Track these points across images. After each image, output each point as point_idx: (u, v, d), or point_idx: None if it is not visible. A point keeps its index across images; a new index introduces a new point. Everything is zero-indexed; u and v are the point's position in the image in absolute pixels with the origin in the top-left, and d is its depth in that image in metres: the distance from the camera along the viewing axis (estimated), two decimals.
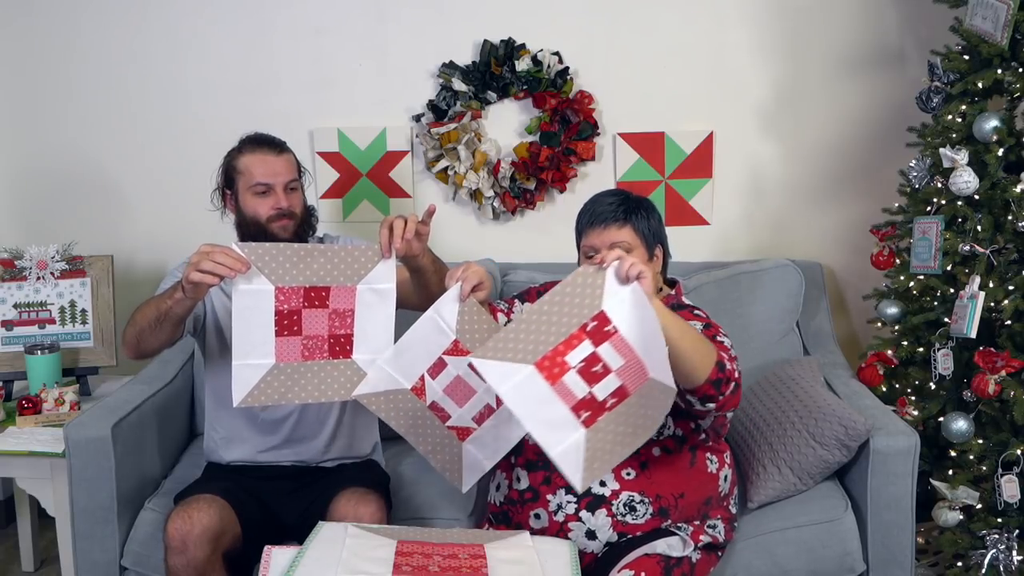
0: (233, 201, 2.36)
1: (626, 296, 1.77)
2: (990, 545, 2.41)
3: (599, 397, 1.79)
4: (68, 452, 2.36)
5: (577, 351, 1.78)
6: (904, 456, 2.29)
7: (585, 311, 1.77)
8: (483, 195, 3.08)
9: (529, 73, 2.99)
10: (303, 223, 2.36)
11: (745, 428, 2.50)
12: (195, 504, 2.12)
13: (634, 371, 1.79)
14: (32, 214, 3.21)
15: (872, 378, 2.69)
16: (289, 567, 1.79)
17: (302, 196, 2.38)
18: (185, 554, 2.06)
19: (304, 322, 2.00)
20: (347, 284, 2.02)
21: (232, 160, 2.35)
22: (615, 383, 1.79)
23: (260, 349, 1.99)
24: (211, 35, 3.10)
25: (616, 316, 1.78)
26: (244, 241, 2.23)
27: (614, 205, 2.13)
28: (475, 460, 2.04)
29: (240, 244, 1.96)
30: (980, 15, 2.48)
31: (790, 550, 2.29)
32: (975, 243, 2.50)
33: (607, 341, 1.78)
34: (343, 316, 2.03)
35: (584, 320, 1.77)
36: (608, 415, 1.80)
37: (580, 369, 1.78)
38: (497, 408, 1.98)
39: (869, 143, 3.06)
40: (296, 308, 2.00)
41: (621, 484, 2.08)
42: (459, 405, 2.02)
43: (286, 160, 2.34)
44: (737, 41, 3.03)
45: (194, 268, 1.93)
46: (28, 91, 3.16)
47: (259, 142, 2.35)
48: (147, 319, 2.15)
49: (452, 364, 1.99)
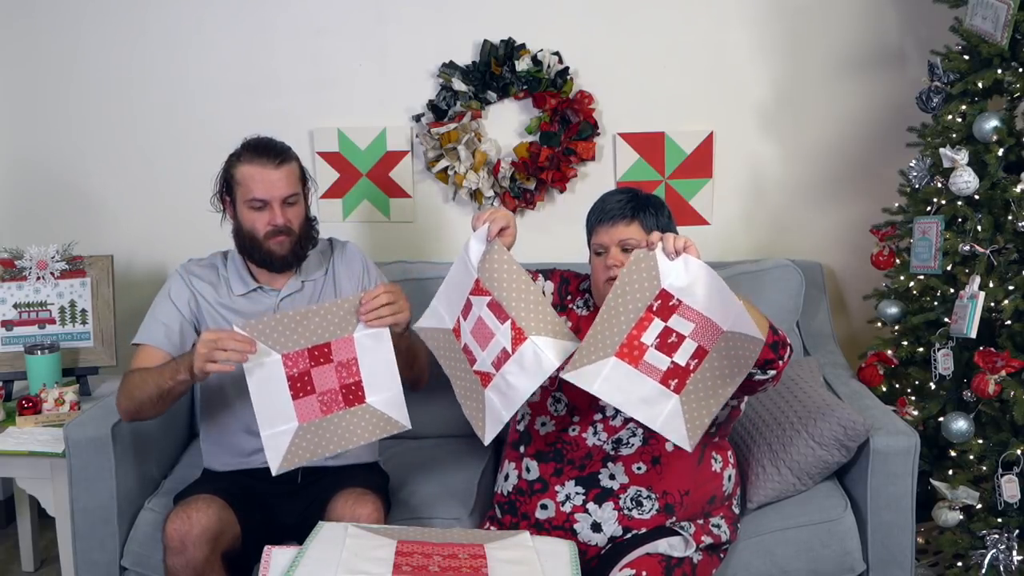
0: (232, 208, 2.33)
1: (679, 268, 1.87)
2: (990, 545, 2.41)
3: (681, 363, 1.90)
4: (68, 452, 2.36)
5: (650, 330, 1.90)
6: (904, 456, 2.29)
7: (647, 294, 1.89)
8: (483, 195, 3.08)
9: (529, 73, 2.99)
10: (301, 238, 2.32)
11: (745, 428, 2.50)
12: (194, 504, 2.12)
13: (706, 331, 1.89)
14: (32, 214, 3.21)
15: (872, 378, 2.69)
16: (289, 567, 1.80)
17: (303, 208, 2.34)
18: (184, 554, 2.06)
19: (315, 380, 2.11)
20: (344, 335, 2.12)
21: (231, 167, 2.31)
22: (692, 346, 1.90)
23: (282, 415, 2.09)
24: (211, 35, 3.10)
25: (675, 289, 1.88)
26: (241, 251, 2.34)
27: (623, 202, 2.13)
28: (495, 409, 2.00)
29: (241, 324, 2.06)
30: (980, 15, 2.48)
31: (790, 550, 2.29)
32: (975, 243, 2.50)
33: (675, 313, 1.89)
34: (348, 366, 2.12)
35: (648, 302, 1.89)
36: (694, 376, 1.91)
37: (657, 345, 1.90)
38: (513, 353, 1.95)
39: (869, 143, 3.06)
40: (305, 369, 2.10)
41: (631, 478, 2.09)
42: (482, 348, 2.01)
43: (286, 173, 2.27)
44: (737, 41, 3.03)
45: (206, 360, 2.00)
46: (28, 91, 3.16)
47: (259, 151, 2.28)
48: (147, 395, 2.17)
49: (475, 304, 2.00)
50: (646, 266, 1.89)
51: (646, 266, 1.89)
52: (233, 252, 2.42)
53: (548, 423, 2.19)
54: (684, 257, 1.87)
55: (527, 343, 1.92)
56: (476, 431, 2.03)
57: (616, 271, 2.04)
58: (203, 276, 2.40)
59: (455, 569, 1.79)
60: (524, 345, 1.93)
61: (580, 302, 2.27)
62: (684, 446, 1.90)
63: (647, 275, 1.89)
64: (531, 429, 2.21)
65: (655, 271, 1.88)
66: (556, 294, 2.29)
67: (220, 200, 2.36)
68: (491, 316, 1.97)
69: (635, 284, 1.89)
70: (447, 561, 1.82)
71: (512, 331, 1.94)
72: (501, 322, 1.94)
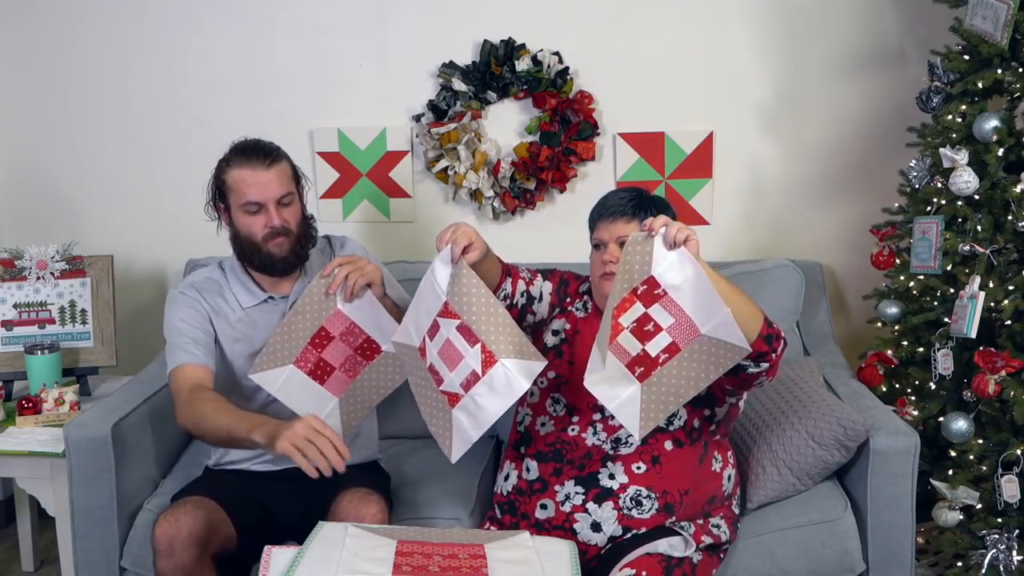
0: (227, 214, 2.29)
1: (674, 260, 1.88)
2: (990, 545, 2.41)
3: (652, 353, 1.91)
4: (68, 452, 2.36)
5: (629, 313, 1.91)
6: (904, 456, 2.29)
7: (636, 276, 1.90)
8: (483, 195, 3.08)
9: (529, 73, 2.99)
10: (300, 238, 2.29)
11: (744, 428, 2.50)
12: (182, 508, 2.11)
13: (684, 329, 1.89)
14: (32, 214, 3.21)
15: (872, 378, 2.69)
16: (289, 567, 1.79)
17: (299, 207, 2.30)
18: (172, 558, 2.05)
19: (330, 360, 2.20)
20: (330, 314, 2.17)
21: (222, 173, 2.26)
22: (666, 340, 1.90)
23: (321, 400, 2.20)
24: (211, 35, 3.10)
25: (665, 279, 1.88)
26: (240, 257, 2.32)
27: (625, 200, 2.14)
28: (463, 429, 2.01)
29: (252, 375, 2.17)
30: (980, 15, 2.48)
31: (790, 550, 2.29)
32: (975, 243, 2.50)
33: (657, 303, 1.89)
34: (350, 331, 2.19)
35: (635, 284, 1.90)
36: (661, 370, 1.91)
37: (633, 329, 1.91)
38: (483, 376, 1.96)
39: (869, 143, 3.06)
40: (316, 358, 2.19)
41: (630, 478, 2.09)
42: (450, 369, 2.01)
43: (277, 173, 2.23)
44: (737, 41, 3.03)
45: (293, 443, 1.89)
46: (28, 91, 3.16)
47: (248, 153, 2.24)
48: (215, 431, 2.10)
49: (443, 326, 2.00)
50: (642, 250, 1.88)
51: (642, 250, 1.88)
52: (231, 262, 2.37)
53: (548, 423, 2.19)
54: (681, 251, 1.86)
55: (497, 366, 1.93)
56: (443, 449, 2.05)
57: (612, 267, 2.04)
58: (210, 291, 2.34)
59: (455, 569, 1.79)
60: (495, 368, 1.93)
61: (579, 304, 2.27)
62: (634, 434, 1.93)
63: (640, 259, 1.89)
64: (532, 429, 2.21)
65: (649, 256, 1.88)
66: (554, 294, 2.29)
67: (214, 208, 2.32)
68: (460, 339, 1.96)
69: (627, 265, 1.90)
70: (447, 561, 1.82)
71: (482, 354, 1.94)
72: (471, 345, 1.95)
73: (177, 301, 2.31)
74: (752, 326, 1.91)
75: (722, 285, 1.89)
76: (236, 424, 2.05)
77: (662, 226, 1.87)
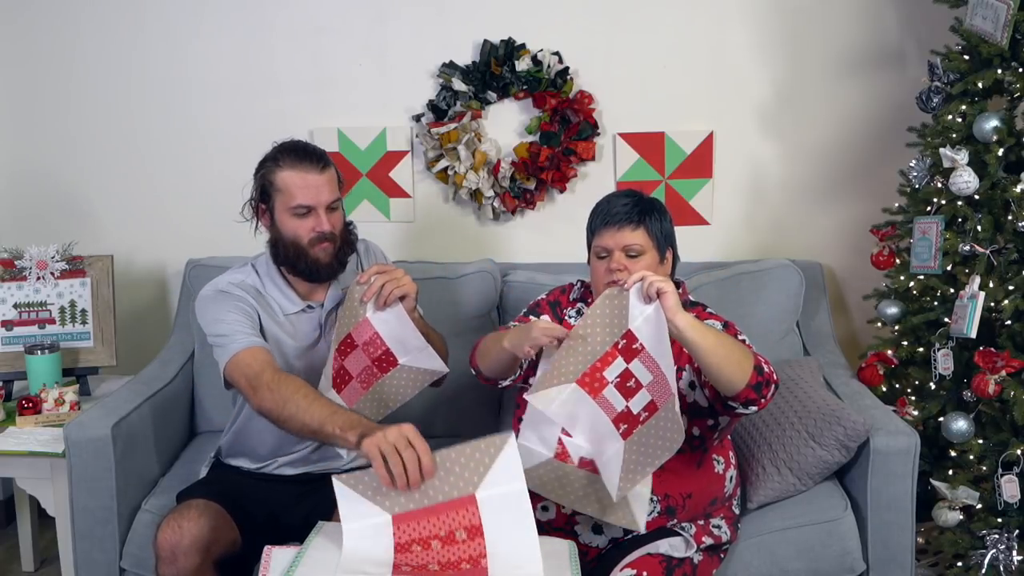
0: (268, 217, 2.20)
1: (650, 314, 1.84)
2: (990, 545, 2.41)
3: (634, 411, 1.88)
4: (68, 452, 2.36)
5: (613, 367, 1.89)
6: (904, 456, 2.29)
7: (615, 330, 1.87)
8: (483, 195, 3.08)
9: (529, 73, 2.99)
10: (343, 244, 2.23)
11: (745, 429, 2.50)
12: (185, 513, 2.08)
13: (661, 386, 1.85)
14: (32, 214, 3.21)
15: (872, 378, 2.69)
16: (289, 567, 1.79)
17: (342, 214, 2.24)
18: (175, 564, 2.04)
19: (350, 369, 2.20)
20: (358, 321, 2.16)
21: (269, 173, 2.17)
22: (647, 398, 1.87)
23: None
24: (211, 35, 3.10)
25: (641, 333, 1.86)
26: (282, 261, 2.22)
27: (629, 206, 2.11)
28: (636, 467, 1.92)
29: None
30: (980, 15, 2.48)
31: (790, 550, 2.29)
32: (975, 243, 2.50)
33: (636, 358, 1.87)
34: (372, 342, 2.19)
35: (616, 339, 1.88)
36: (641, 428, 1.88)
37: (617, 384, 1.89)
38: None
39: (869, 143, 3.06)
40: (338, 365, 2.18)
41: None
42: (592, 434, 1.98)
43: (329, 178, 2.17)
44: (737, 41, 3.03)
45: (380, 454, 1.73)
46: (28, 91, 3.16)
47: (300, 155, 2.16)
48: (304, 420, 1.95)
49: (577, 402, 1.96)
50: (618, 303, 1.86)
51: (618, 303, 1.86)
52: (266, 267, 2.28)
53: None
54: (656, 305, 1.82)
55: None
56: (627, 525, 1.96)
57: (619, 275, 2.02)
58: (252, 293, 2.24)
59: (455, 567, 1.79)
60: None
61: (572, 312, 2.26)
62: (611, 492, 1.87)
63: (618, 312, 1.86)
64: None
65: (625, 310, 1.85)
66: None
67: (254, 208, 2.23)
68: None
69: (606, 319, 1.87)
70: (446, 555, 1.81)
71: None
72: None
73: (221, 298, 2.21)
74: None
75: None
76: (329, 418, 1.91)
77: (637, 280, 1.84)
